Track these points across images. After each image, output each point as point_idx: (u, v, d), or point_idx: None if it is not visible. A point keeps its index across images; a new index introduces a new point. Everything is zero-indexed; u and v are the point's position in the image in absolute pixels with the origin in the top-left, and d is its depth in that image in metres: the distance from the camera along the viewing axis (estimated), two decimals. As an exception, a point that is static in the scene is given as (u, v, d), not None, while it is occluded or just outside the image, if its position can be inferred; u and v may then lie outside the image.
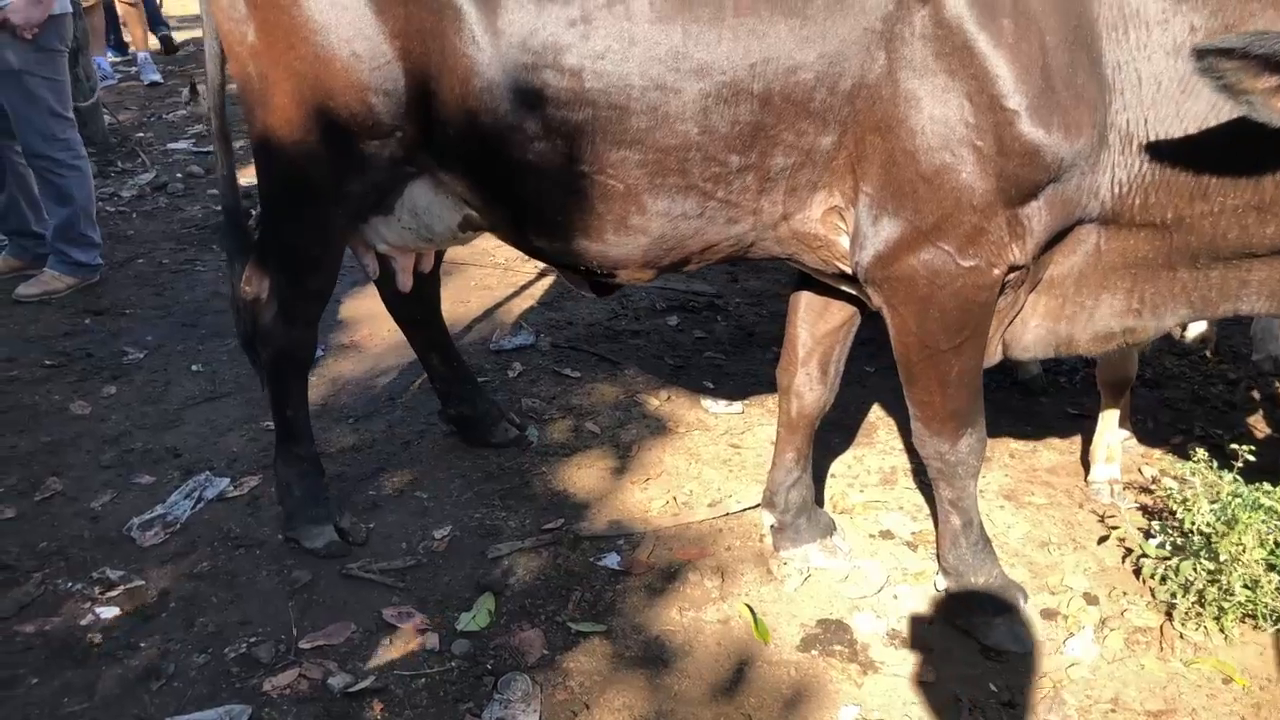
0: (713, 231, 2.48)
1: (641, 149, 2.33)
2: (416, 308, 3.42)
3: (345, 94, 2.50)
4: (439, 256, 3.38)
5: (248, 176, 3.65)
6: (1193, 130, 2.17)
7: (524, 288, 5.03)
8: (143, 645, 2.68)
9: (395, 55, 2.45)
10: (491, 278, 5.16)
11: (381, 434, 3.72)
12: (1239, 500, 2.77)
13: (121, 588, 2.88)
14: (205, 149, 7.33)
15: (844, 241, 2.47)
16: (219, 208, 5.79)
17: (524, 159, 2.41)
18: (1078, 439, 3.76)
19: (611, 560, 3.03)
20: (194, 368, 4.22)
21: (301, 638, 2.70)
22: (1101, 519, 3.29)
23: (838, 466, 3.59)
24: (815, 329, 2.91)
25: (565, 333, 4.61)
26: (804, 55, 2.22)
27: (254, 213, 3.68)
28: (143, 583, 2.91)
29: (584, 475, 3.48)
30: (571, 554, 3.06)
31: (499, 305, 4.88)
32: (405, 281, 3.10)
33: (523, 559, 3.03)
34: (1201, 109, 2.15)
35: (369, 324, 4.53)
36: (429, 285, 3.38)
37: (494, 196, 2.57)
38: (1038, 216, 2.30)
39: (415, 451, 3.60)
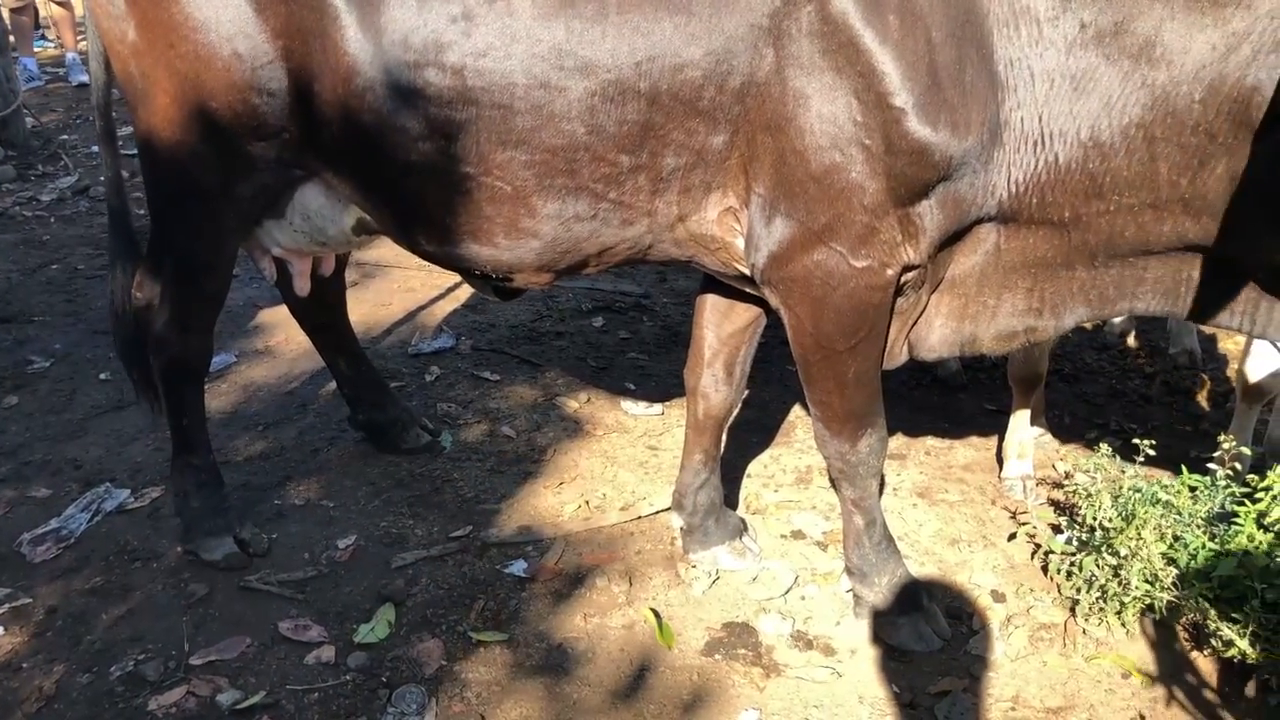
0: (608, 234, 2.44)
1: (528, 149, 2.28)
2: (320, 312, 3.34)
3: (227, 94, 2.44)
4: (341, 260, 3.31)
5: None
6: (1087, 129, 2.16)
7: (448, 290, 4.96)
8: (25, 666, 2.59)
9: (277, 54, 2.39)
10: (415, 279, 5.09)
11: (291, 442, 3.64)
12: (1138, 495, 2.79)
13: (6, 606, 2.79)
14: (132, 151, 7.15)
15: (740, 243, 2.44)
16: (144, 211, 5.70)
17: (409, 160, 2.35)
18: (994, 436, 3.77)
19: (518, 567, 2.98)
20: (102, 376, 4.10)
21: (193, 654, 2.63)
22: (1013, 515, 3.30)
23: (754, 466, 3.57)
24: (721, 330, 2.88)
25: (487, 335, 4.55)
26: (691, 52, 2.19)
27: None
28: (30, 600, 2.82)
29: (496, 480, 3.43)
30: (478, 562, 3.01)
31: (422, 308, 4.81)
32: (302, 286, 3.02)
33: (427, 568, 2.97)
34: (1095, 107, 2.14)
35: (284, 329, 4.43)
36: (331, 289, 3.31)
37: (382, 199, 2.51)
38: (930, 215, 2.28)
39: (324, 459, 3.53)
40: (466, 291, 4.98)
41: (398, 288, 5.03)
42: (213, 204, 2.64)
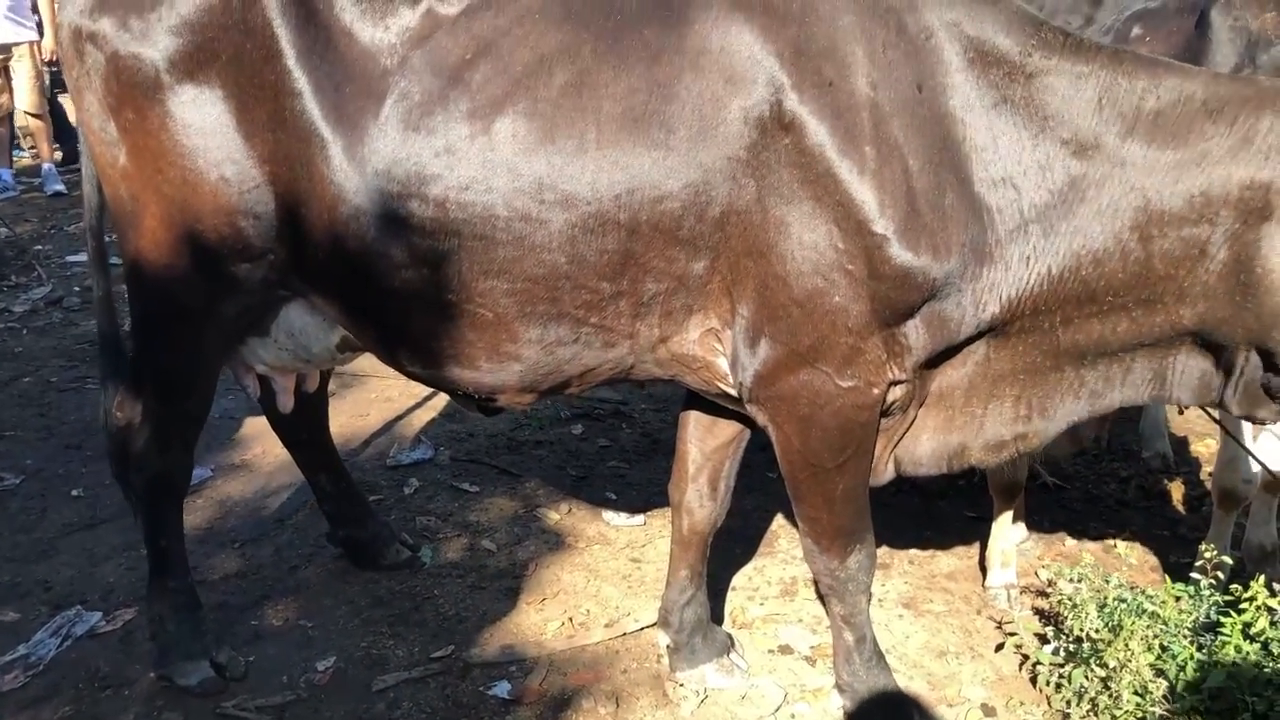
0: (589, 356, 2.46)
1: (510, 278, 2.31)
2: (302, 428, 3.33)
3: (214, 217, 2.47)
4: (324, 375, 3.31)
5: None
6: (1080, 239, 2.24)
7: (426, 399, 4.94)
8: (-12, 805, 2.49)
9: (264, 180, 2.43)
10: (393, 389, 5.08)
11: (268, 559, 3.58)
12: (1124, 605, 2.79)
13: (-29, 740, 2.69)
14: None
15: (723, 363, 2.47)
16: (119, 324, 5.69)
17: (393, 286, 2.38)
18: (977, 543, 3.77)
19: (502, 689, 2.92)
20: (74, 492, 4.04)
21: (166, 788, 2.54)
22: (999, 625, 3.29)
23: (738, 579, 3.55)
24: (705, 445, 2.90)
25: (466, 445, 4.53)
26: (670, 184, 2.24)
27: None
28: (-5, 734, 2.73)
29: (478, 597, 3.38)
30: (461, 683, 2.95)
31: (400, 418, 4.79)
32: (286, 402, 3.02)
33: (409, 690, 2.91)
34: (1086, 217, 2.22)
35: (261, 442, 4.40)
36: (315, 404, 3.30)
37: (366, 321, 2.54)
38: (915, 334, 2.33)
39: (302, 577, 3.47)
40: (444, 401, 4.97)
41: (375, 398, 5.02)
42: (197, 323, 2.65)
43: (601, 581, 3.49)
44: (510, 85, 2.23)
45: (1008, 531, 3.49)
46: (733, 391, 2.52)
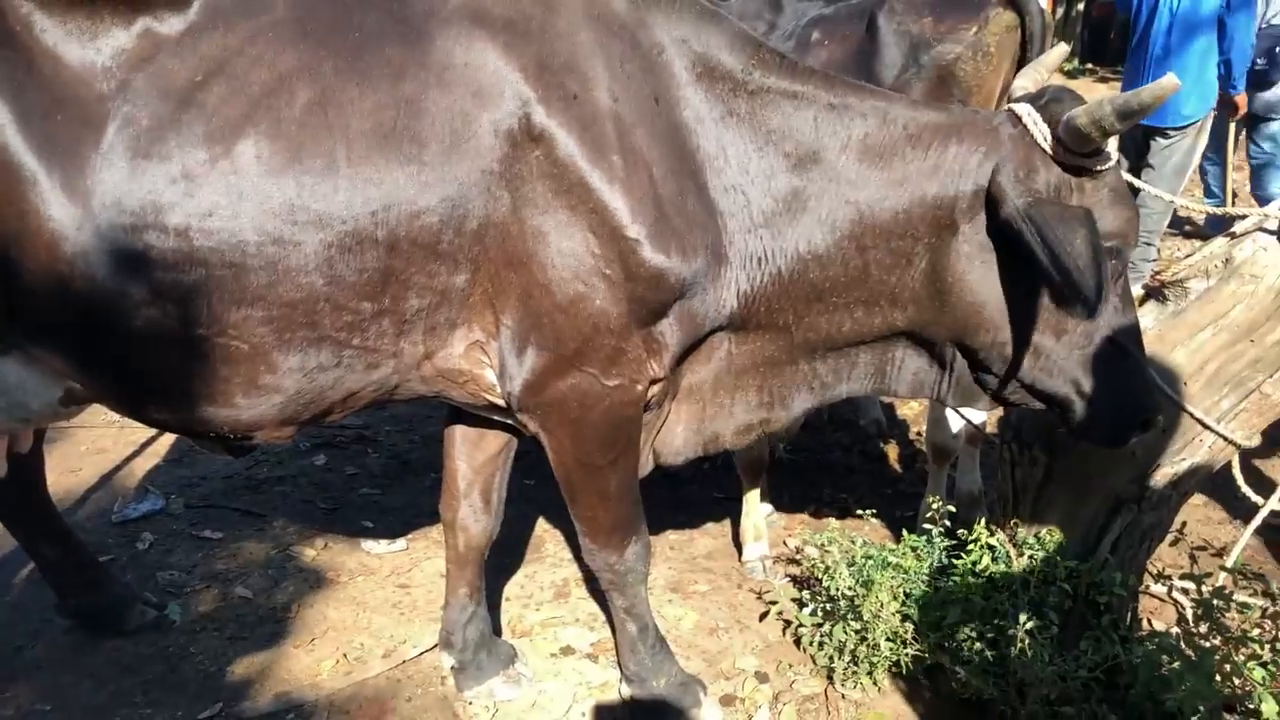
0: (352, 379, 2.39)
1: (265, 305, 2.20)
2: (14, 493, 2.99)
3: (-94, 267, 2.17)
4: (39, 433, 2.99)
5: None
6: (805, 243, 2.43)
7: (144, 445, 4.57)
8: None
9: (-36, 222, 2.16)
10: (106, 438, 4.65)
11: (-16, 644, 3.19)
12: (871, 561, 3.06)
13: None
14: None
15: (490, 375, 2.48)
16: None
17: (132, 328, 2.19)
18: (727, 522, 4.00)
19: (282, 740, 2.78)
20: None
21: None
22: (759, 596, 3.51)
23: (511, 587, 3.56)
24: (473, 459, 2.89)
25: (199, 490, 4.23)
26: (425, 199, 2.22)
27: None
28: None
29: (240, 648, 3.18)
30: (236, 742, 2.78)
31: (118, 469, 4.40)
32: (-1, 467, 2.71)
33: (178, 760, 2.70)
34: (809, 224, 2.42)
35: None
36: (28, 465, 2.98)
37: (100, 371, 2.32)
38: (671, 332, 2.45)
39: (31, 658, 3.11)
40: (165, 445, 4.62)
41: (86, 450, 4.58)
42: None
43: (371, 613, 3.39)
44: (249, 106, 2.12)
45: (757, 506, 3.73)
46: (501, 402, 2.54)
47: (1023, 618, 2.63)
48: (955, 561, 2.96)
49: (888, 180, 2.40)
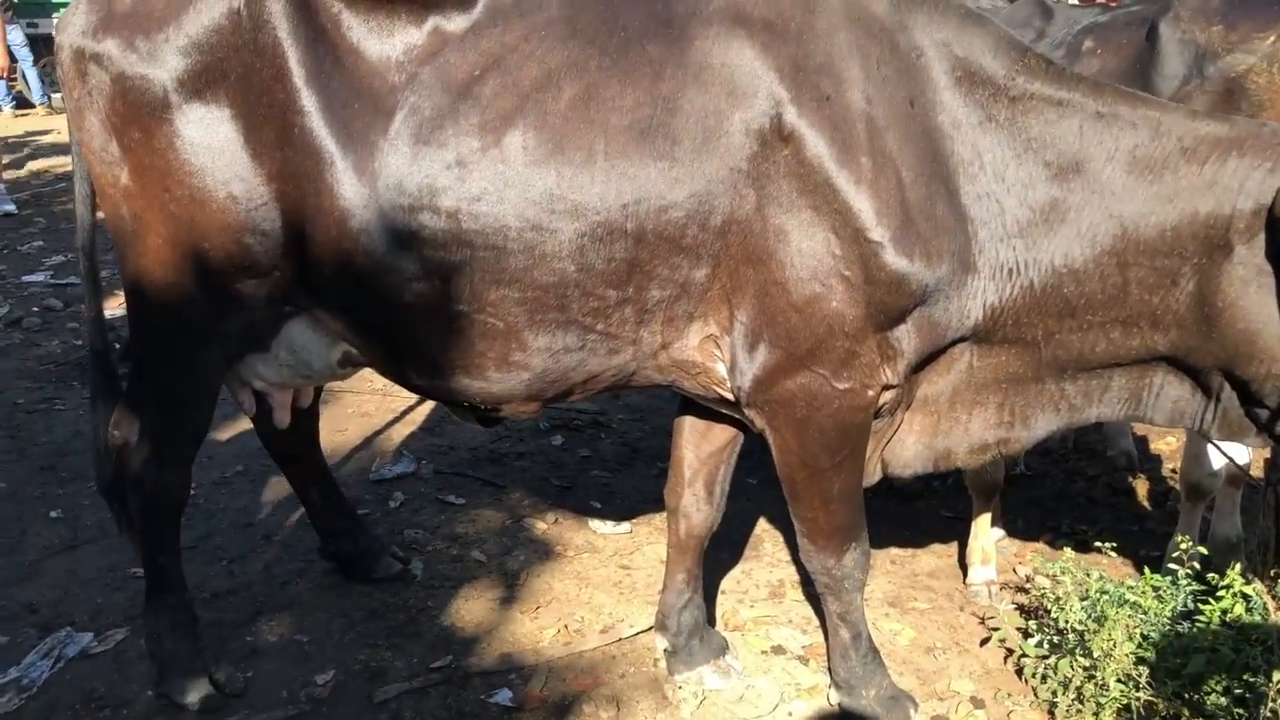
0: (594, 363, 2.52)
1: (520, 287, 2.37)
2: (294, 443, 3.33)
3: (221, 235, 2.48)
4: (317, 390, 3.32)
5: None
6: (1061, 256, 2.36)
7: (404, 413, 4.96)
8: (-5, 828, 2.47)
9: (271, 197, 2.45)
10: (370, 404, 5.09)
11: (258, 575, 3.57)
12: (1106, 597, 2.90)
13: (-29, 764, 2.66)
14: (63, 280, 7.06)
15: (721, 368, 2.55)
16: (80, 343, 5.60)
17: (402, 299, 2.42)
18: (954, 542, 3.88)
19: (503, 697, 2.95)
20: (53, 514, 3.99)
21: (174, 806, 2.54)
22: (982, 621, 3.39)
23: (727, 582, 3.62)
24: (700, 450, 2.96)
25: (448, 458, 4.55)
26: (674, 195, 2.31)
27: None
28: (-5, 756, 2.70)
29: (472, 607, 3.41)
30: (462, 692, 2.98)
31: (378, 433, 4.80)
32: (283, 418, 3.03)
33: (411, 701, 2.93)
34: (1067, 237, 2.34)
35: (244, 459, 4.38)
36: (307, 419, 3.31)
37: (373, 336, 2.57)
38: (907, 339, 2.43)
39: (294, 592, 3.47)
40: (422, 414, 4.99)
41: (352, 413, 5.02)
42: (199, 340, 2.65)
43: (593, 589, 3.53)
44: (520, 99, 2.29)
45: (987, 530, 3.60)
46: (730, 396, 2.59)
47: (1277, 675, 2.42)
48: (1202, 607, 2.76)
49: (1156, 194, 2.28)
